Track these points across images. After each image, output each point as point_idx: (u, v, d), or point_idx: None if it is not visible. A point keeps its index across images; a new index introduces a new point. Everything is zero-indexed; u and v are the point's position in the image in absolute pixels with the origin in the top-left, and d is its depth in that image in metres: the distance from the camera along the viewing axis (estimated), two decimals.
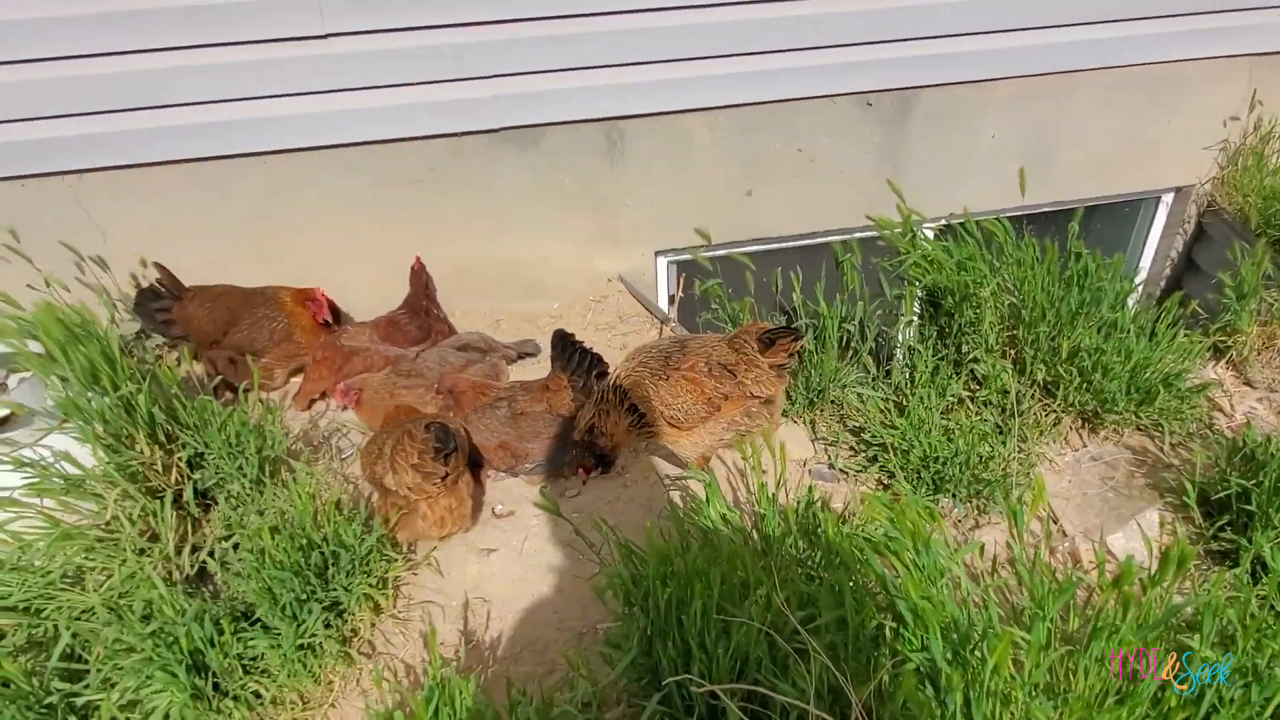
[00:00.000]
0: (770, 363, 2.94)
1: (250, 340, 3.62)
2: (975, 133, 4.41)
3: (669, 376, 2.93)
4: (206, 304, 3.63)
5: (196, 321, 3.61)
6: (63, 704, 2.43)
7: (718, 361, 2.94)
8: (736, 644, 2.05)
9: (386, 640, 2.81)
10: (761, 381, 2.94)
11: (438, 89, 3.69)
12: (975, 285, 3.36)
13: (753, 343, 2.96)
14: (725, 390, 2.92)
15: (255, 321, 3.64)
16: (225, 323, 3.62)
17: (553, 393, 3.23)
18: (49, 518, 2.67)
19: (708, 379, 2.91)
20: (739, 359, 2.95)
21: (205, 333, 3.62)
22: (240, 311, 3.65)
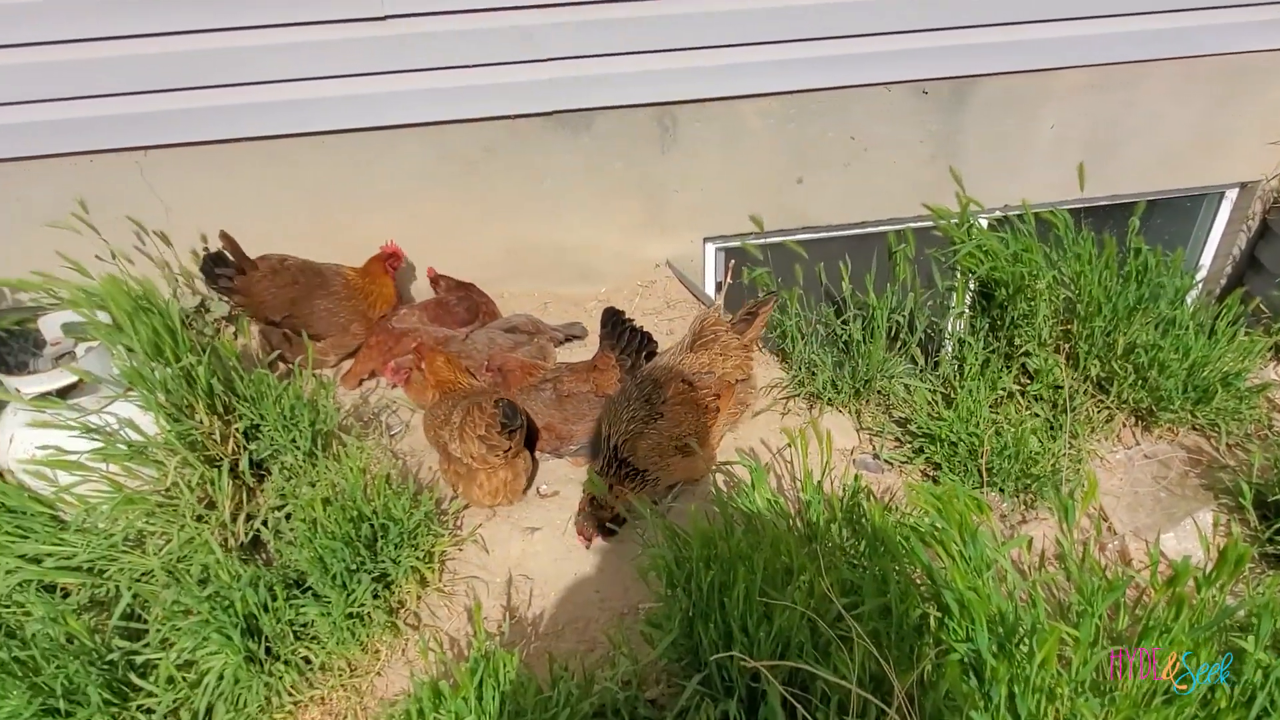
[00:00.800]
0: (750, 338, 3.03)
1: (308, 327, 3.67)
2: (1034, 123, 4.33)
3: (662, 414, 2.89)
4: (274, 286, 3.65)
5: (259, 297, 3.64)
6: (123, 661, 2.52)
7: (693, 373, 2.95)
8: (779, 628, 2.06)
9: (431, 613, 2.86)
10: (740, 365, 3.00)
11: (495, 71, 3.72)
12: (1030, 278, 3.30)
13: (722, 332, 3.00)
14: (714, 390, 2.95)
15: (314, 312, 3.70)
16: (287, 304, 3.67)
17: (599, 372, 3.25)
18: (113, 482, 2.76)
19: (696, 392, 2.92)
20: (710, 356, 2.97)
21: (265, 310, 3.67)
22: (302, 299, 3.69)
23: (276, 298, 3.65)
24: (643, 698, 2.37)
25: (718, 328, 3.04)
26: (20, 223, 3.68)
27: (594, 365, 3.29)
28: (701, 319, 3.03)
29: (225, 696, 2.49)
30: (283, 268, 3.69)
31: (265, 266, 3.66)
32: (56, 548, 2.68)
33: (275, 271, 3.67)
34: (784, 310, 3.64)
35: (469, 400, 3.02)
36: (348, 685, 2.64)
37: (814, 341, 3.61)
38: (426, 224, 4.09)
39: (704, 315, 3.03)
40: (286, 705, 2.56)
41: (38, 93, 3.48)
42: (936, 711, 1.82)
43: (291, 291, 3.68)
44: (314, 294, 3.72)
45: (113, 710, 2.41)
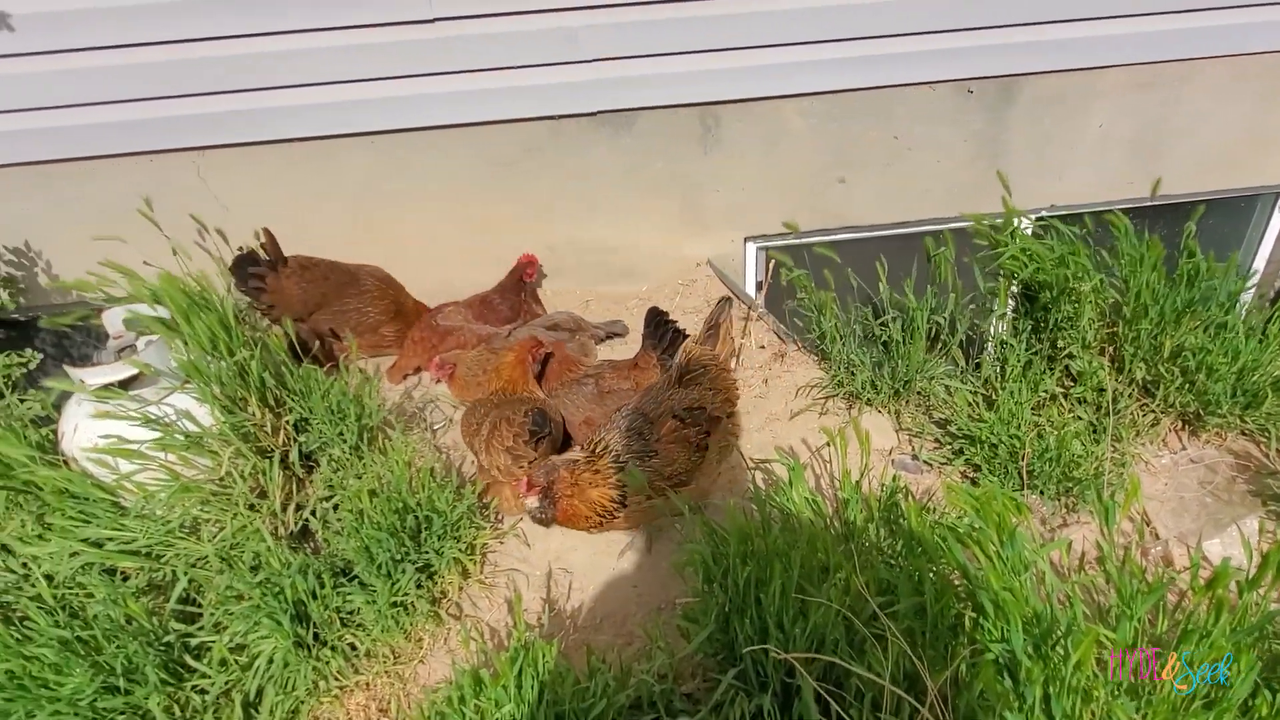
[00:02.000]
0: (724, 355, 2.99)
1: (334, 323, 3.76)
2: (1081, 122, 4.27)
3: (656, 453, 2.76)
4: (302, 283, 3.71)
5: (287, 295, 3.69)
6: (178, 643, 2.62)
7: (684, 409, 2.82)
8: (814, 625, 2.08)
9: (473, 603, 2.93)
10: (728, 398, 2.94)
11: (539, 72, 3.77)
12: (1075, 280, 3.27)
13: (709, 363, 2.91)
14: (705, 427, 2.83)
15: (343, 311, 3.75)
16: (315, 304, 3.74)
17: (640, 370, 3.29)
18: (170, 471, 2.86)
19: (688, 429, 2.80)
20: (700, 392, 2.87)
21: (293, 308, 3.69)
22: (331, 297, 3.76)
23: (307, 294, 3.71)
24: (678, 691, 2.41)
25: (704, 359, 2.92)
26: (84, 220, 3.83)
27: (635, 364, 3.34)
28: (687, 352, 2.90)
29: (275, 679, 2.58)
30: (311, 264, 3.76)
31: (294, 264, 3.72)
32: (117, 532, 2.79)
33: (305, 268, 3.73)
34: (822, 311, 3.64)
35: (498, 412, 3.07)
36: (391, 672, 2.72)
37: (853, 342, 3.61)
38: (469, 223, 4.16)
39: (688, 348, 2.90)
40: (333, 690, 2.65)
41: (103, 95, 3.62)
42: (970, 711, 1.83)
43: (321, 288, 3.74)
44: (344, 292, 3.79)
45: (169, 690, 2.50)
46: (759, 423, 3.55)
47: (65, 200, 3.85)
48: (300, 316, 3.73)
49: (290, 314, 3.68)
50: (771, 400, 3.64)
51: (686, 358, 2.88)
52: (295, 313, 3.70)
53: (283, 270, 3.69)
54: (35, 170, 3.77)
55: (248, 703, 2.58)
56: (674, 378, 2.88)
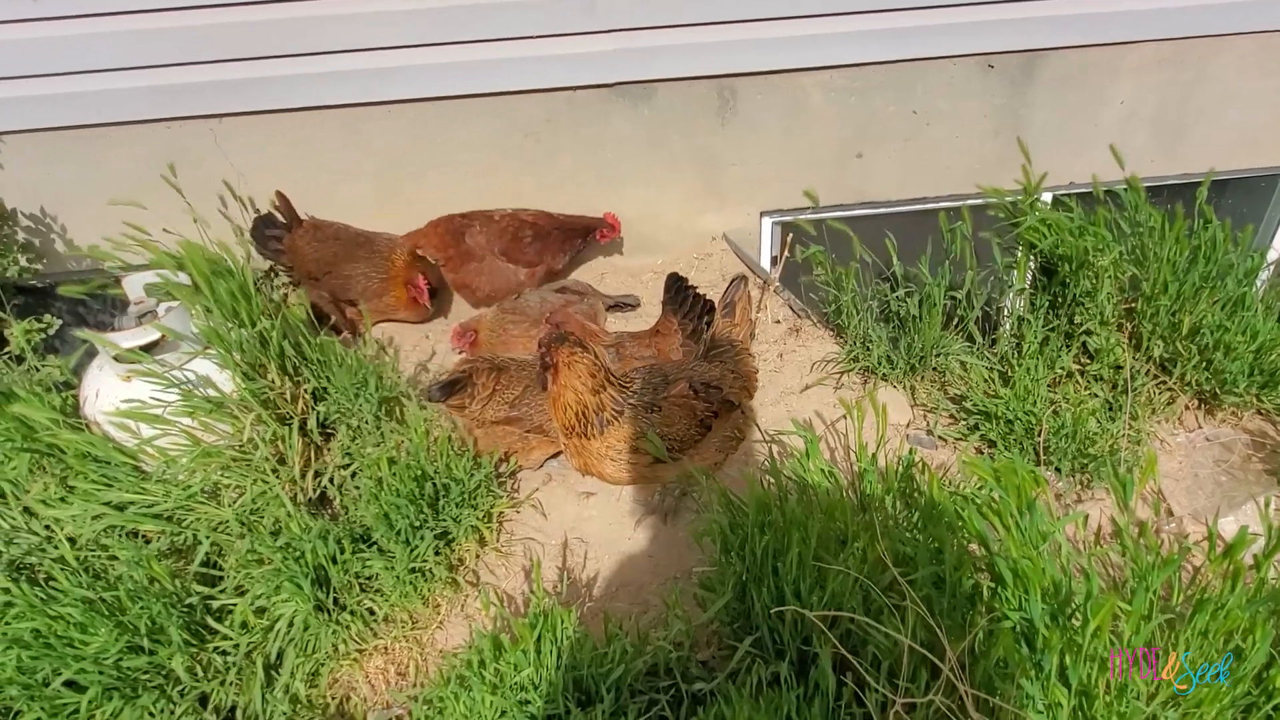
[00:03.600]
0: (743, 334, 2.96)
1: (343, 288, 3.79)
2: (1104, 98, 4.24)
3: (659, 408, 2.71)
4: (314, 242, 3.79)
5: (301, 255, 3.79)
6: (201, 605, 2.66)
7: (701, 381, 2.77)
8: (831, 593, 2.10)
9: (490, 571, 2.96)
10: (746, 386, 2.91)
11: (558, 41, 3.75)
12: (1094, 253, 3.25)
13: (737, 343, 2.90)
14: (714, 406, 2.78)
15: (351, 274, 3.78)
16: (327, 264, 3.78)
17: (662, 337, 3.28)
18: (191, 436, 2.89)
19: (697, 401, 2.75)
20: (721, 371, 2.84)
21: (307, 268, 3.80)
22: (342, 258, 3.80)
23: (319, 253, 3.77)
24: (694, 658, 2.43)
25: (733, 337, 2.93)
26: (101, 186, 3.83)
27: (656, 330, 3.33)
28: (714, 330, 2.92)
29: (295, 642, 2.62)
30: (322, 225, 3.85)
31: (308, 224, 3.82)
32: (139, 496, 2.82)
33: (316, 228, 3.82)
34: (840, 286, 3.64)
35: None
36: (409, 637, 2.75)
37: (869, 317, 3.60)
38: (489, 193, 4.16)
39: (717, 326, 2.93)
40: (352, 653, 2.68)
41: (120, 61, 3.61)
42: (987, 679, 1.85)
43: (333, 248, 3.79)
44: (355, 254, 3.81)
45: (191, 650, 2.54)
46: (774, 397, 3.55)
47: (82, 167, 3.86)
48: (315, 276, 3.79)
49: (305, 274, 3.78)
50: (786, 375, 3.64)
51: (714, 334, 2.89)
52: (309, 273, 3.78)
53: (296, 230, 3.78)
54: (52, 136, 3.77)
55: (268, 664, 2.62)
56: (702, 351, 2.90)
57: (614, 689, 2.22)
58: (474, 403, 3.03)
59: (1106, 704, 1.82)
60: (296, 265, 3.83)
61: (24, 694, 2.40)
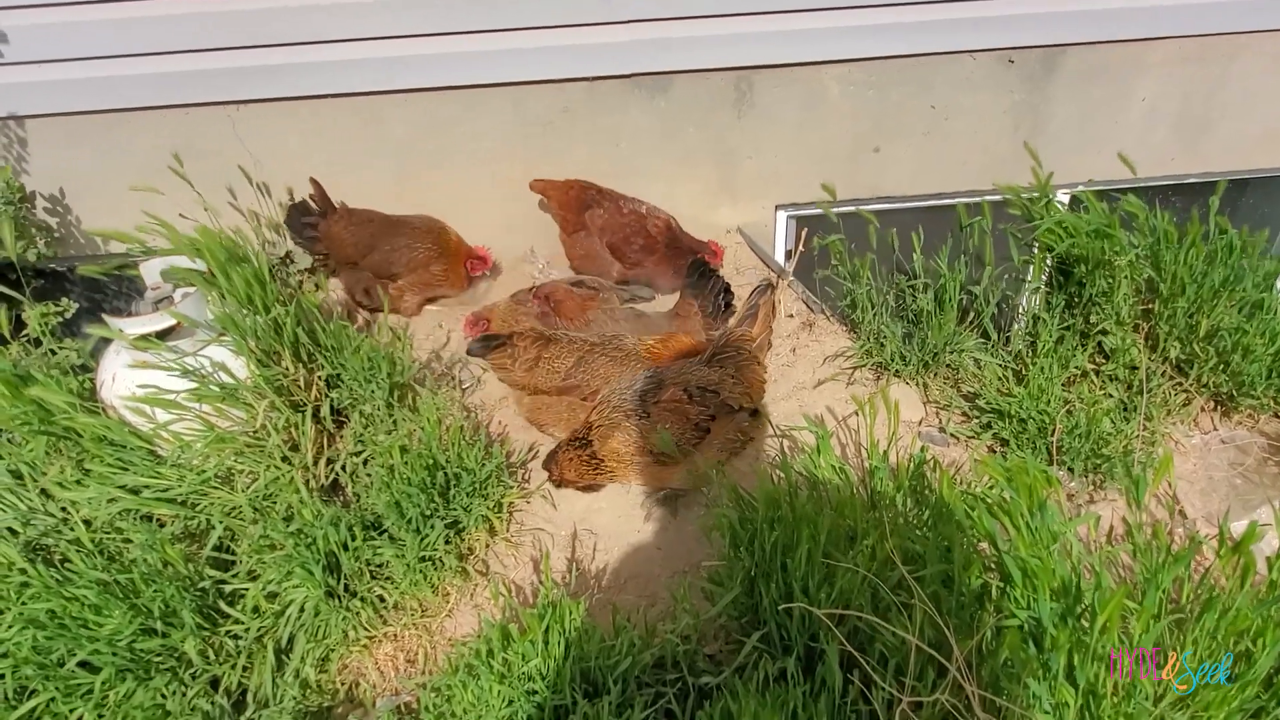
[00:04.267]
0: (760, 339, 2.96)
1: (386, 264, 3.80)
2: (1125, 95, 4.20)
3: (648, 414, 2.76)
4: (351, 226, 3.82)
5: (338, 240, 3.81)
6: (213, 589, 2.68)
7: (698, 386, 2.79)
8: (840, 590, 2.10)
9: (499, 561, 2.97)
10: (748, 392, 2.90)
11: (576, 32, 3.75)
12: (1112, 254, 3.23)
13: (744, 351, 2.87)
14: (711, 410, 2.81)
15: (394, 248, 3.80)
16: (365, 246, 3.81)
17: (681, 319, 3.28)
18: (205, 422, 2.91)
19: (691, 405, 2.79)
20: (721, 375, 2.83)
21: (345, 253, 3.82)
22: (380, 237, 3.83)
23: (356, 236, 3.80)
24: (702, 652, 2.44)
25: (742, 344, 2.91)
26: (118, 171, 3.86)
27: (676, 312, 3.32)
28: (726, 334, 2.91)
29: (306, 628, 2.64)
30: (355, 211, 3.89)
31: (341, 210, 3.86)
32: (154, 480, 2.85)
33: (350, 213, 3.86)
34: (855, 279, 3.62)
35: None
36: (419, 625, 2.77)
37: (884, 312, 3.59)
38: (504, 183, 4.17)
39: (729, 330, 2.92)
40: (362, 640, 2.70)
41: (138, 46, 3.64)
42: (994, 678, 1.84)
43: (369, 229, 3.83)
44: (392, 233, 3.84)
45: (204, 634, 2.57)
46: (786, 391, 3.54)
47: (101, 151, 3.88)
48: (353, 260, 3.82)
49: (343, 259, 3.81)
50: (799, 369, 3.64)
51: (727, 337, 2.87)
52: (348, 257, 3.81)
53: (331, 217, 3.82)
54: (72, 120, 3.80)
55: (279, 649, 2.64)
56: (707, 355, 2.88)
57: (621, 681, 2.23)
58: (516, 366, 3.10)
59: (1114, 705, 1.81)
60: (333, 251, 3.86)
61: (39, 674, 2.43)
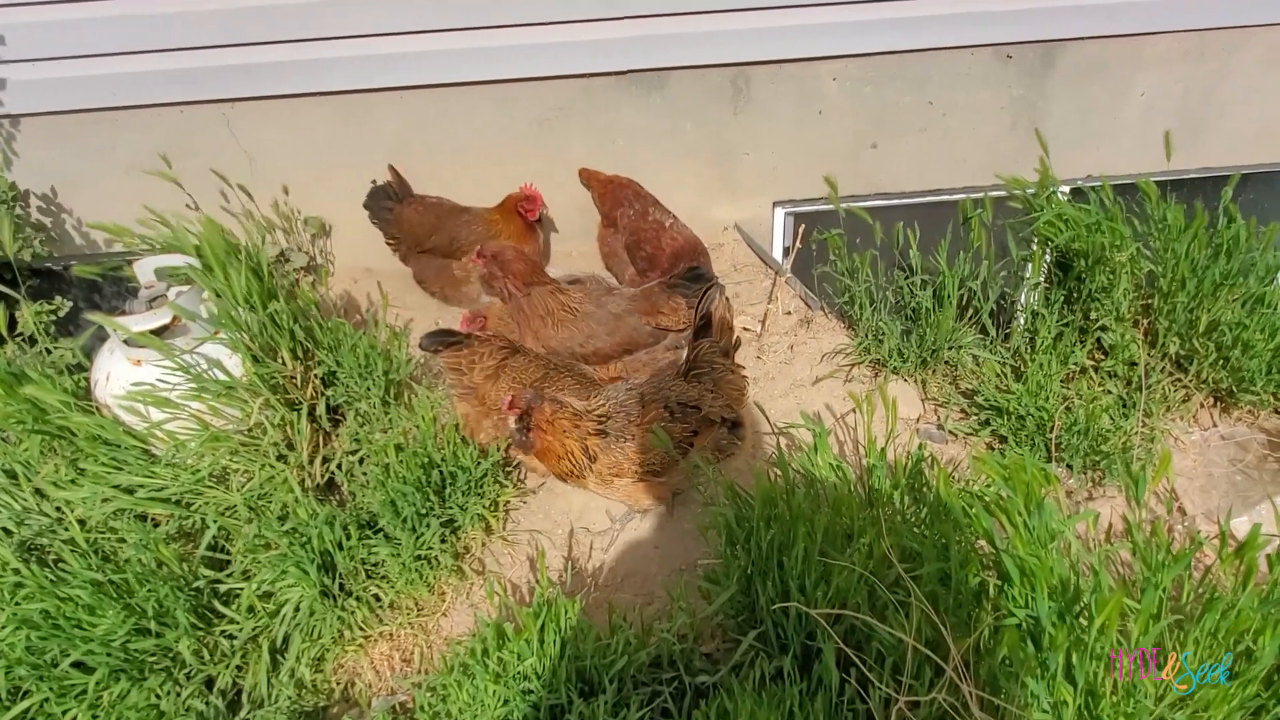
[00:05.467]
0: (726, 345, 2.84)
1: (449, 241, 3.87)
2: (1124, 91, 4.18)
3: (632, 436, 2.68)
4: (420, 209, 3.96)
5: (408, 223, 3.95)
6: (208, 589, 2.67)
7: (678, 402, 2.72)
8: (836, 589, 2.08)
9: (495, 559, 2.96)
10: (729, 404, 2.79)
11: (571, 28, 3.73)
12: (1112, 248, 3.21)
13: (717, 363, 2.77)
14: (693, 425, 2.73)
15: (458, 224, 3.89)
16: (430, 228, 3.92)
17: (660, 315, 3.22)
18: (200, 421, 2.90)
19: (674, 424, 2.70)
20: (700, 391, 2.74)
21: (415, 235, 3.95)
22: (446, 218, 3.94)
23: (424, 218, 3.93)
24: (698, 651, 2.43)
25: (713, 357, 2.80)
26: (112, 170, 3.85)
27: (657, 307, 3.25)
28: (695, 348, 2.77)
29: (301, 627, 2.63)
30: (423, 197, 4.05)
31: (415, 198, 4.03)
32: (148, 480, 2.83)
33: (419, 199, 4.03)
34: (854, 275, 3.61)
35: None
36: (415, 624, 2.76)
37: (882, 309, 3.57)
38: (500, 180, 4.13)
39: (700, 345, 2.76)
40: (358, 639, 2.69)
41: (134, 44, 3.62)
42: (992, 678, 1.83)
43: (435, 212, 3.96)
44: (455, 217, 3.95)
45: (198, 634, 2.56)
46: (783, 388, 3.53)
47: (95, 150, 3.86)
48: (421, 242, 3.93)
49: (413, 242, 3.95)
50: (796, 366, 3.62)
51: (695, 353, 2.78)
52: (416, 238, 3.94)
53: (406, 202, 3.98)
54: (66, 119, 3.78)
55: (274, 648, 2.63)
56: (682, 370, 2.81)
57: (617, 680, 2.22)
58: (475, 372, 2.96)
59: (1113, 704, 1.80)
60: (404, 232, 3.98)
61: (33, 674, 2.42)
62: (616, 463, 2.64)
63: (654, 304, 3.25)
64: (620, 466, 2.64)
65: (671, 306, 3.23)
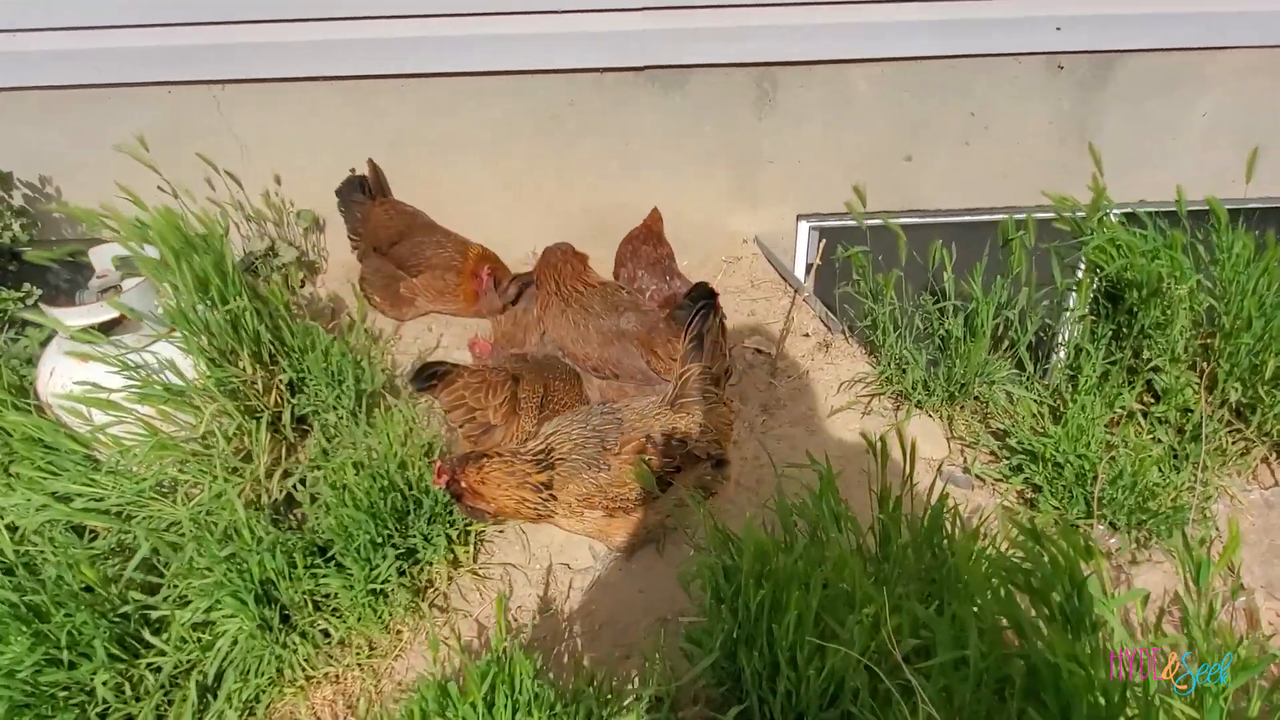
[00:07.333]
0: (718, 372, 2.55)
1: (411, 254, 3.60)
2: (1185, 108, 3.83)
3: (609, 466, 2.40)
4: (391, 212, 3.73)
5: (375, 222, 3.71)
6: (137, 614, 2.40)
7: (662, 433, 2.44)
8: (832, 667, 1.77)
9: (462, 595, 2.67)
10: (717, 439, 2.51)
11: (586, 19, 3.48)
12: (1171, 280, 2.86)
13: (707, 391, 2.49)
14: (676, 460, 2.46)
15: (424, 242, 3.62)
16: (398, 233, 3.67)
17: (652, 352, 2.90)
18: (148, 426, 2.64)
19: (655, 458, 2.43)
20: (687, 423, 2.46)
21: (379, 235, 3.69)
22: (415, 230, 3.69)
23: (393, 222, 3.69)
24: None
25: (703, 385, 2.51)
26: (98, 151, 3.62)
27: (653, 344, 2.92)
28: (684, 374, 2.49)
29: (235, 664, 2.35)
30: (399, 203, 3.82)
31: (387, 199, 3.83)
32: (87, 488, 2.59)
33: (394, 204, 3.80)
34: (877, 298, 3.29)
35: None
36: (365, 665, 2.48)
37: (907, 335, 3.25)
38: (505, 178, 3.90)
39: (688, 370, 2.49)
40: (299, 680, 2.41)
41: (118, 18, 3.41)
42: None
43: (407, 220, 3.73)
44: (425, 231, 3.70)
45: (119, 666, 2.29)
46: (794, 417, 3.22)
47: (80, 130, 3.66)
48: (383, 245, 3.68)
49: (374, 243, 3.69)
50: (810, 394, 3.31)
51: (684, 380, 2.48)
52: (379, 241, 3.69)
53: (378, 201, 3.76)
54: (50, 95, 3.58)
55: (205, 687, 2.35)
56: (669, 398, 2.50)
57: None
58: (490, 411, 2.76)
59: None
60: (368, 233, 3.73)
61: None
62: (586, 494, 2.34)
63: (651, 339, 2.88)
64: (591, 499, 2.34)
65: (668, 350, 2.84)
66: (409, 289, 3.60)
